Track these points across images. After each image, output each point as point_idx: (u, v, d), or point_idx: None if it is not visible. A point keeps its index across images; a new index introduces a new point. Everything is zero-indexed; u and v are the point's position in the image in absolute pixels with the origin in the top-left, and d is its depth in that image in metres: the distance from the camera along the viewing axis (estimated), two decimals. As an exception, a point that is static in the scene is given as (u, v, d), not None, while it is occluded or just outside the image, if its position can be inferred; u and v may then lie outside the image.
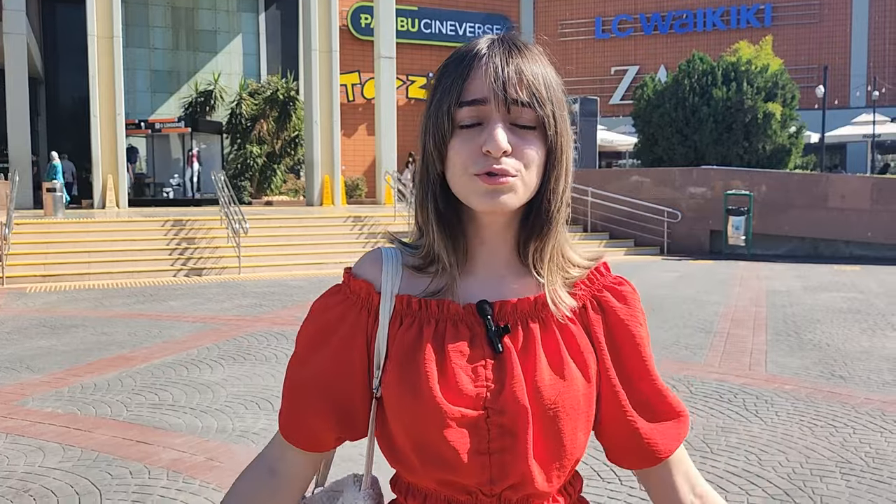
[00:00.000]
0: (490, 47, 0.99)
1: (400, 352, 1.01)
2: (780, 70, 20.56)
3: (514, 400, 0.97)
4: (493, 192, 0.96)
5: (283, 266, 13.43)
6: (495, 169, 0.96)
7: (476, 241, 1.05)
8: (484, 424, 0.97)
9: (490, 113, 0.97)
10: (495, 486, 0.99)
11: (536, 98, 0.97)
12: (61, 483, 3.95)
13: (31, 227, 13.43)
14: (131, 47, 24.62)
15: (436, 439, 0.97)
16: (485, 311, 1.01)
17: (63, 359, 6.76)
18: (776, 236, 16.75)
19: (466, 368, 0.99)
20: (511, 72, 0.97)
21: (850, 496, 3.76)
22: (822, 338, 7.68)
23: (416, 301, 1.03)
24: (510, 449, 0.97)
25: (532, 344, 1.01)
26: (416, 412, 0.98)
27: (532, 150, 0.98)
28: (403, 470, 1.04)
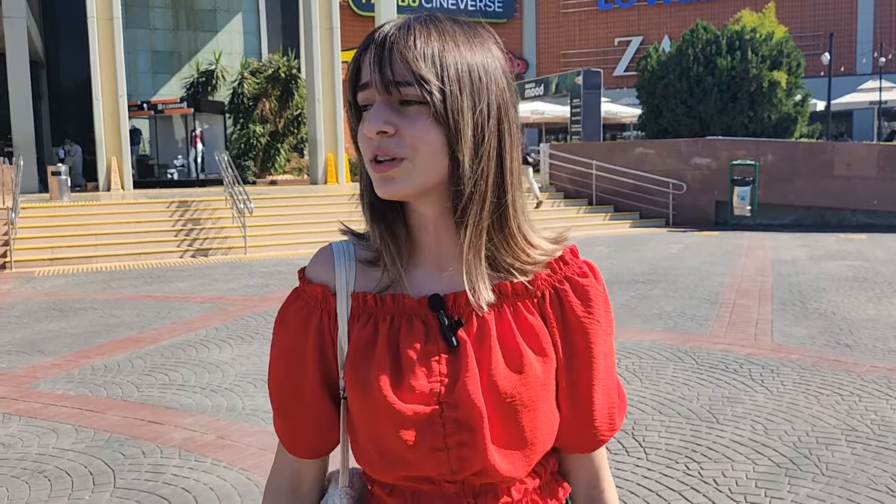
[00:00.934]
0: (386, 28, 0.95)
1: (355, 351, 1.00)
2: (785, 38, 20.36)
3: (468, 394, 0.95)
4: (383, 180, 0.93)
5: (288, 245, 13.46)
6: (377, 151, 0.93)
7: (421, 233, 1.01)
8: (439, 420, 0.96)
9: (374, 96, 0.93)
10: (456, 475, 0.98)
11: (414, 75, 0.90)
12: (75, 464, 4.01)
13: (38, 212, 13.48)
14: (131, 28, 24.48)
15: (391, 438, 0.96)
16: (437, 304, 0.99)
17: (73, 341, 6.82)
18: (782, 206, 16.70)
19: (420, 364, 0.97)
20: (390, 52, 0.91)
21: (855, 463, 3.79)
22: (828, 307, 7.69)
23: (371, 297, 1.01)
24: (468, 443, 0.96)
25: (487, 336, 0.98)
26: (371, 411, 0.97)
27: (416, 128, 0.92)
28: (369, 469, 1.03)
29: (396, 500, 1.01)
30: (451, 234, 0.99)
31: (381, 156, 0.92)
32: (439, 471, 0.97)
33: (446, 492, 0.99)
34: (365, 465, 1.04)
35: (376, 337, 0.99)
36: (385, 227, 1.01)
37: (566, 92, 22.97)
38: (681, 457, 3.92)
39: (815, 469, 3.73)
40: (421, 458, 0.96)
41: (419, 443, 0.95)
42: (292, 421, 1.05)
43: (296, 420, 1.04)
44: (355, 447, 1.04)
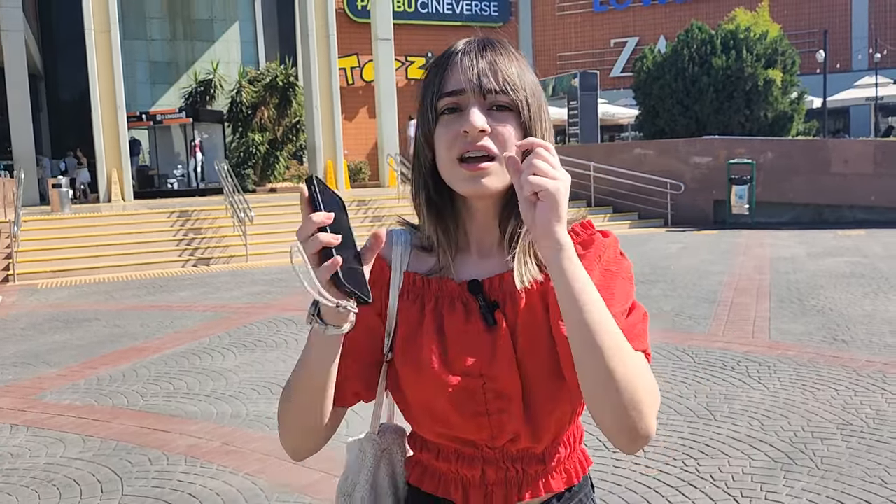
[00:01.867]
0: (466, 45, 1.10)
1: (405, 326, 1.14)
2: (780, 36, 20.44)
3: (505, 368, 1.08)
4: (473, 177, 1.05)
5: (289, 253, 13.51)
6: (475, 147, 1.04)
7: (468, 224, 1.15)
8: (480, 390, 1.09)
9: (468, 100, 1.06)
10: (496, 440, 1.11)
11: (509, 84, 1.06)
12: (83, 472, 4.07)
13: (39, 224, 13.56)
14: (129, 39, 24.58)
15: (439, 404, 1.10)
16: (476, 289, 1.12)
17: (78, 352, 6.89)
18: (780, 204, 16.75)
19: (463, 341, 1.11)
20: (485, 64, 1.07)
21: (850, 456, 3.86)
22: (826, 303, 7.75)
23: (419, 278, 1.16)
24: (506, 410, 1.09)
25: (520, 315, 1.10)
26: (420, 381, 1.11)
27: (508, 129, 1.06)
28: (415, 425, 1.18)
29: (443, 464, 1.16)
30: (494, 226, 1.13)
31: (471, 152, 1.05)
32: (480, 436, 1.11)
33: (487, 456, 1.13)
34: (415, 424, 1.18)
35: (423, 315, 1.13)
36: (440, 220, 1.14)
37: (563, 94, 23.05)
38: (678, 453, 3.99)
39: (810, 463, 3.80)
40: (464, 421, 1.10)
41: (463, 409, 1.09)
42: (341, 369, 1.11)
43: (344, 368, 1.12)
44: (404, 408, 1.17)
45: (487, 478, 1.14)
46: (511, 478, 1.13)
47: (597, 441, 4.18)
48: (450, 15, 31.60)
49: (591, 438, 4.20)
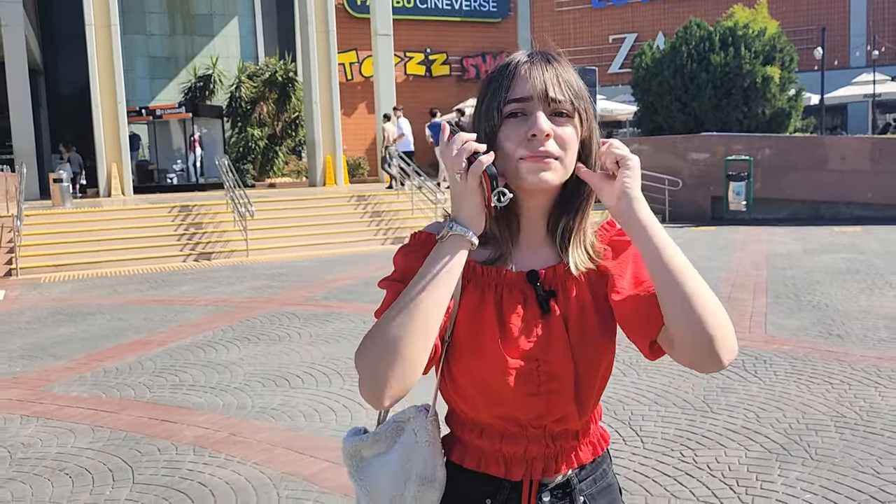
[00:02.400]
0: (531, 56, 1.24)
1: (467, 311, 1.23)
2: (778, 33, 20.51)
3: (561, 352, 1.21)
4: (537, 170, 1.18)
5: (290, 247, 13.61)
6: (540, 151, 1.17)
7: (521, 220, 1.26)
8: (535, 372, 1.21)
9: (533, 107, 1.19)
10: (543, 420, 1.23)
11: (571, 93, 1.21)
12: (94, 461, 4.16)
13: (41, 219, 13.62)
14: (128, 34, 24.60)
15: (498, 383, 1.20)
16: (534, 278, 1.24)
17: (83, 345, 6.97)
18: (777, 200, 16.85)
19: (521, 326, 1.22)
20: (550, 75, 1.21)
21: (843, 448, 3.96)
22: (822, 299, 7.85)
23: (478, 266, 1.25)
24: (556, 391, 1.21)
25: (572, 303, 1.24)
26: (482, 362, 1.20)
27: (568, 132, 1.20)
28: (466, 406, 1.26)
29: (485, 442, 1.26)
30: (543, 224, 1.27)
31: (542, 154, 1.17)
32: (528, 415, 1.22)
33: (531, 435, 1.24)
34: (464, 403, 1.26)
35: (484, 301, 1.23)
36: (503, 214, 1.24)
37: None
38: (676, 444, 4.08)
39: (804, 454, 3.89)
40: (518, 400, 1.21)
41: (518, 388, 1.20)
42: None
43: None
44: (454, 389, 1.26)
45: (529, 453, 1.24)
46: (550, 453, 1.25)
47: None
48: (449, 10, 31.61)
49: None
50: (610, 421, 4.45)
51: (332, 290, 9.54)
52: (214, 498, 3.65)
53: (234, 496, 3.66)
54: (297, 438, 4.40)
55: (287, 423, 4.65)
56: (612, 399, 4.82)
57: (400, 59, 28.84)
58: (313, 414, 4.82)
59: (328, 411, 4.85)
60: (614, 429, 4.32)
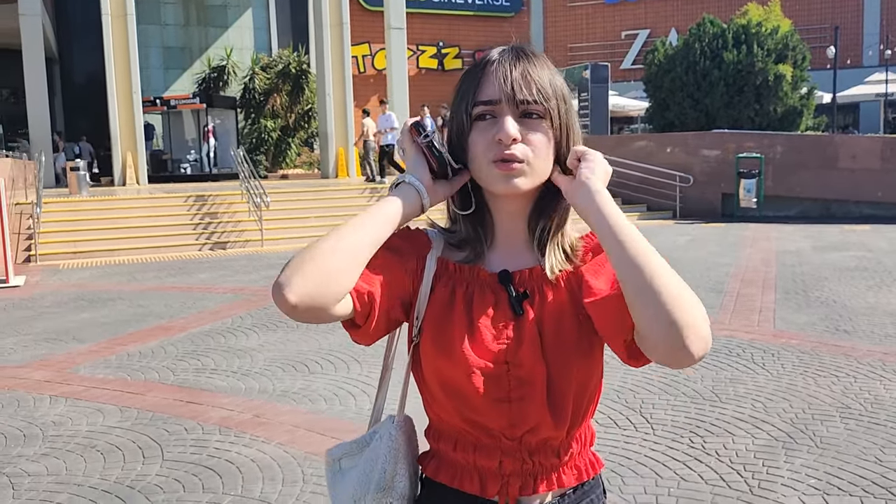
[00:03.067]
0: (500, 55, 1.18)
1: (437, 307, 1.18)
2: (791, 31, 20.55)
3: (531, 355, 1.14)
4: (506, 177, 1.14)
5: (304, 238, 13.75)
6: (506, 155, 1.13)
7: (498, 223, 1.23)
8: (505, 376, 1.14)
9: (502, 110, 1.14)
10: (515, 429, 1.15)
11: (542, 94, 1.14)
12: (124, 440, 4.33)
13: (59, 206, 13.83)
14: (143, 24, 24.74)
15: (465, 386, 1.14)
16: (506, 279, 1.19)
17: (105, 329, 7.15)
18: (788, 198, 16.92)
19: (491, 328, 1.16)
20: (518, 74, 1.14)
21: (847, 437, 4.09)
22: (830, 295, 7.96)
23: (452, 264, 1.22)
24: (528, 397, 1.14)
25: (546, 306, 1.18)
26: (449, 362, 1.15)
27: (538, 136, 1.15)
28: (437, 408, 1.20)
29: (459, 454, 1.19)
30: (522, 226, 1.22)
31: (507, 157, 1.13)
32: (500, 422, 1.15)
33: (505, 447, 1.17)
34: (438, 407, 1.20)
35: (454, 299, 1.19)
36: (472, 216, 1.23)
37: (574, 86, 23.17)
38: (685, 432, 4.22)
39: (809, 442, 4.03)
40: (487, 406, 1.14)
41: (487, 392, 1.14)
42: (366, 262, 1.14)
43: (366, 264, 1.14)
44: (426, 393, 1.21)
45: (504, 468, 1.17)
46: (527, 469, 1.18)
47: (608, 419, 4.43)
48: (461, 4, 31.74)
49: (603, 416, 4.45)
50: (621, 409, 4.59)
51: (346, 280, 9.69)
52: (241, 474, 3.81)
53: (261, 473, 3.81)
54: (319, 420, 4.56)
55: (308, 406, 4.81)
56: (623, 388, 4.95)
57: (413, 53, 28.99)
58: (333, 398, 4.97)
59: (347, 396, 5.01)
60: (625, 416, 4.46)
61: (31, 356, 6.27)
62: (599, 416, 4.45)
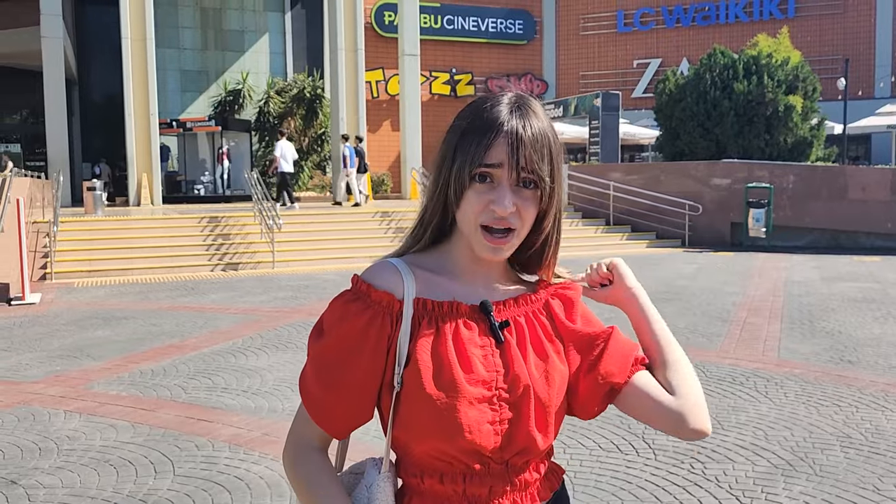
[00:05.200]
0: (509, 118, 1.20)
1: (424, 347, 1.20)
2: (801, 63, 20.69)
3: (519, 380, 1.21)
4: (493, 249, 1.21)
5: (315, 261, 13.92)
6: (497, 223, 1.19)
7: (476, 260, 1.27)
8: (496, 402, 1.19)
9: (502, 176, 1.19)
10: (504, 452, 1.20)
11: (538, 167, 1.19)
12: (136, 455, 4.43)
13: (75, 225, 14.04)
14: (161, 48, 25.19)
15: (460, 415, 1.17)
16: (487, 309, 1.25)
17: (119, 347, 7.28)
18: (797, 228, 16.97)
19: (479, 357, 1.21)
20: (524, 145, 1.18)
21: (847, 466, 4.14)
22: (835, 325, 8.00)
23: (430, 303, 1.23)
24: (516, 420, 1.20)
25: (522, 334, 1.26)
26: (444, 394, 1.17)
27: (529, 209, 1.21)
28: (423, 446, 1.20)
29: (447, 487, 1.20)
30: (501, 264, 1.30)
31: (497, 225, 1.20)
32: (491, 446, 1.19)
33: (493, 471, 1.21)
34: (422, 446, 1.21)
35: (440, 336, 1.22)
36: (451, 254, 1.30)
37: (585, 113, 23.40)
38: (686, 458, 4.29)
39: (809, 470, 4.09)
40: (479, 431, 1.18)
41: (482, 418, 1.18)
42: (338, 400, 1.22)
43: (341, 400, 1.22)
44: (412, 433, 1.21)
45: (494, 494, 1.21)
46: (515, 490, 1.22)
47: (611, 444, 4.50)
48: (475, 32, 32.09)
49: (605, 441, 4.51)
50: (623, 434, 4.66)
51: (356, 302, 9.80)
52: (250, 490, 3.90)
53: (269, 489, 3.91)
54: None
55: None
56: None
57: (426, 79, 29.29)
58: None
59: (355, 416, 5.09)
60: (628, 441, 4.53)
61: (47, 372, 6.40)
62: (602, 441, 4.53)
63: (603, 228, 18.03)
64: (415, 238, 1.32)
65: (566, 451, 4.41)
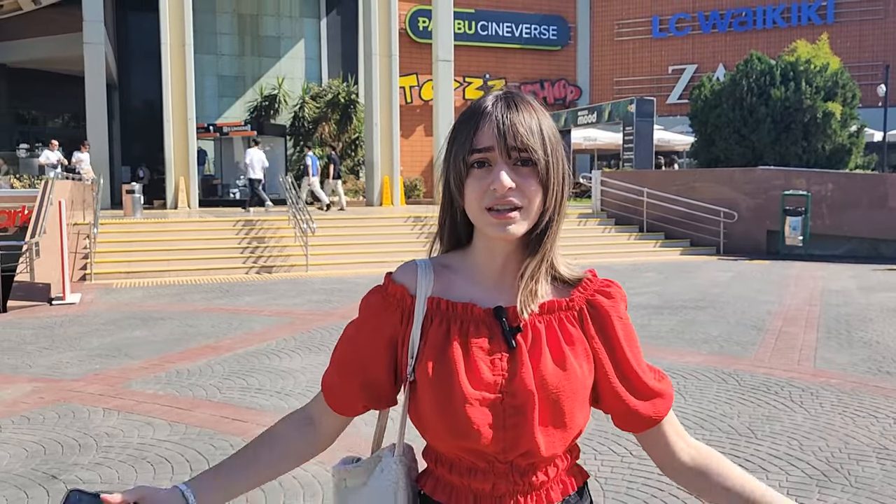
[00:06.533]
0: (494, 104, 1.23)
1: (433, 345, 1.24)
2: (840, 69, 20.39)
3: (524, 386, 1.21)
4: (501, 225, 1.21)
5: (348, 264, 14.03)
6: (502, 202, 1.20)
7: (492, 259, 1.29)
8: (500, 405, 1.21)
9: (496, 157, 1.20)
10: (508, 454, 1.22)
11: (529, 144, 1.20)
12: (173, 452, 4.52)
13: (114, 227, 14.32)
14: (199, 53, 25.59)
15: (461, 416, 1.20)
16: (500, 314, 1.25)
17: (156, 347, 7.41)
18: (835, 236, 16.71)
19: (486, 360, 1.23)
20: (509, 124, 1.20)
21: (883, 477, 4.08)
22: (873, 336, 7.87)
23: (444, 303, 1.27)
24: (521, 425, 1.21)
25: (538, 340, 1.24)
26: (447, 394, 1.21)
27: (531, 185, 1.21)
28: (432, 438, 1.27)
29: (455, 477, 1.26)
30: (516, 261, 1.29)
31: (500, 204, 1.21)
32: (494, 448, 1.22)
33: (498, 470, 1.23)
34: (430, 436, 1.27)
35: (450, 336, 1.25)
36: (467, 255, 1.32)
37: (619, 119, 23.30)
38: (719, 466, 4.25)
39: (844, 481, 4.04)
40: (482, 433, 1.20)
41: (482, 421, 1.20)
42: (347, 382, 1.31)
43: (350, 382, 1.30)
44: (423, 424, 1.26)
45: (497, 490, 1.24)
46: (518, 489, 1.24)
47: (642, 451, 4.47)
48: (509, 38, 32.12)
49: (636, 448, 4.50)
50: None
51: (388, 306, 9.87)
52: (283, 490, 3.96)
53: (302, 489, 3.96)
54: (358, 441, 4.68)
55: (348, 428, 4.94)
56: (659, 421, 4.99)
57: (459, 84, 29.37)
58: (373, 419, 5.07)
59: (386, 419, 5.14)
60: (659, 448, 4.51)
61: (87, 370, 6.54)
62: (633, 448, 4.51)
63: (636, 235, 17.91)
64: (438, 239, 1.36)
65: (597, 457, 4.41)
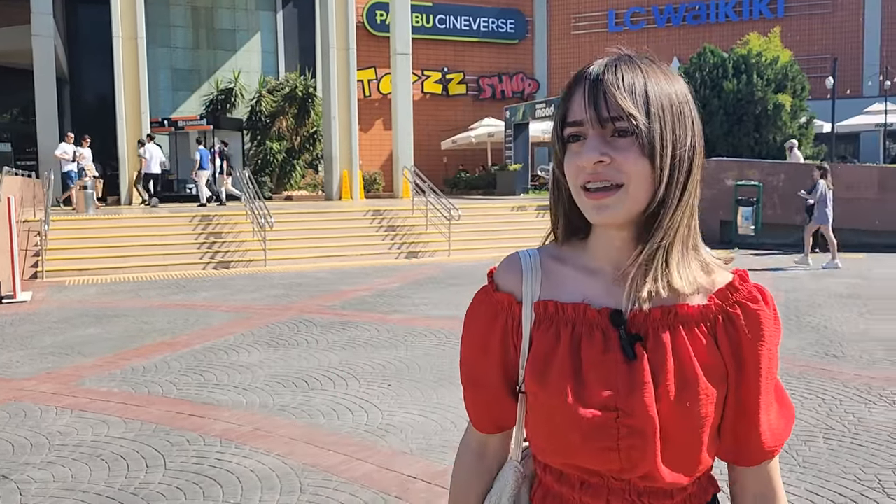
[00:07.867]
0: (596, 67, 1.07)
1: (539, 354, 1.11)
2: (790, 62, 20.84)
3: (643, 404, 1.04)
4: (597, 207, 1.05)
5: (307, 259, 13.96)
6: (593, 178, 1.04)
7: (607, 249, 1.12)
8: (613, 424, 1.04)
9: (587, 130, 1.05)
10: (623, 474, 1.07)
11: (624, 112, 1.02)
12: (128, 450, 4.47)
13: (66, 224, 14.03)
14: (153, 46, 25.15)
15: (569, 434, 1.06)
16: (618, 321, 1.08)
17: (110, 345, 7.30)
18: (786, 225, 17.08)
19: (599, 372, 1.06)
20: (603, 91, 1.03)
21: (829, 456, 4.21)
22: (821, 321, 8.09)
23: (552, 305, 1.12)
24: (639, 447, 1.04)
25: (663, 352, 1.06)
26: (550, 409, 1.08)
27: (627, 159, 1.03)
28: (540, 453, 1.16)
29: (565, 488, 1.13)
30: (632, 252, 1.10)
31: (594, 182, 1.04)
32: (608, 468, 1.07)
33: (612, 486, 1.09)
34: (536, 450, 1.17)
35: (558, 342, 1.10)
36: (580, 245, 1.16)
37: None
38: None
39: (792, 461, 4.15)
40: (591, 454, 1.06)
41: (592, 442, 1.05)
42: (476, 397, 1.21)
43: (479, 397, 1.21)
44: (530, 432, 1.16)
45: None
46: None
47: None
48: (467, 31, 32.15)
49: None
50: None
51: (348, 300, 9.86)
52: (241, 484, 3.94)
53: (260, 483, 3.95)
54: (317, 434, 4.69)
55: (306, 420, 4.95)
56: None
57: (417, 78, 29.32)
58: (331, 413, 5.11)
59: (345, 411, 5.15)
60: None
61: (38, 369, 6.42)
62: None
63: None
64: (552, 224, 1.20)
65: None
